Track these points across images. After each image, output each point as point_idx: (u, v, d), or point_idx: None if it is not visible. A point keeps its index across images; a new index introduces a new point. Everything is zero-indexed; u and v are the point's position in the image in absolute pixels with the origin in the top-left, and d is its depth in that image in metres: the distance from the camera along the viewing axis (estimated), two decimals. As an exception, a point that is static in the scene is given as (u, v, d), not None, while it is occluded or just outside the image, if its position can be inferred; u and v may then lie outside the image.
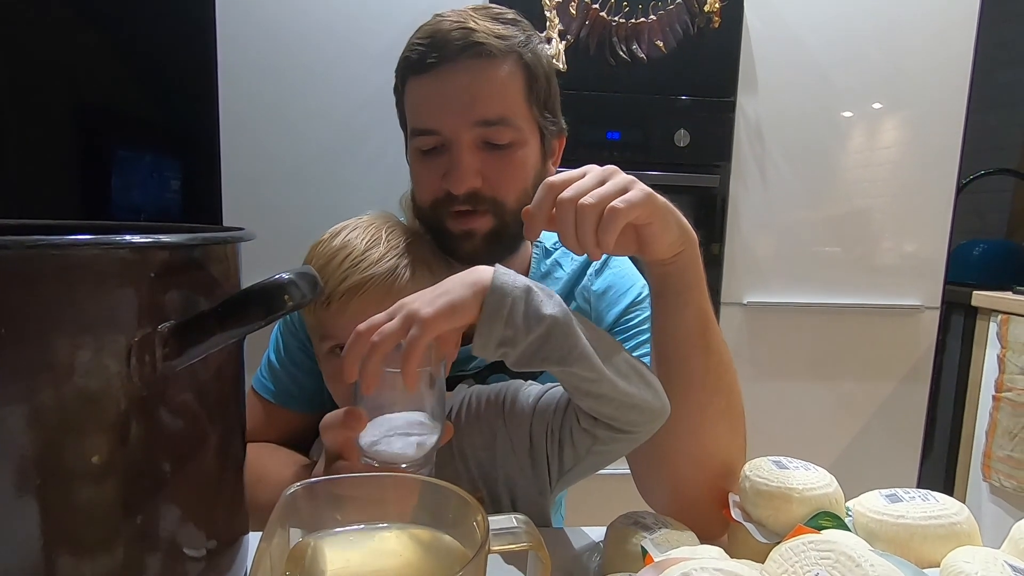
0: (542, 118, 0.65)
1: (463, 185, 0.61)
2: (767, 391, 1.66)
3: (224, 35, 1.43)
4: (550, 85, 0.66)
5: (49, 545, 0.30)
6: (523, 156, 0.63)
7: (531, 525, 0.34)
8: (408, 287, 0.58)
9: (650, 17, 1.49)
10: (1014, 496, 1.58)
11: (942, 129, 1.63)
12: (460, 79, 0.60)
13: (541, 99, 0.65)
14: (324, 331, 0.59)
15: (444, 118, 0.61)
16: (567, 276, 0.73)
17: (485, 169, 0.61)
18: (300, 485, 0.33)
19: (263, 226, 1.43)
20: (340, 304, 0.57)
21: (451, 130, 0.61)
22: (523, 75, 0.62)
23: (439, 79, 0.60)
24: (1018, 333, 1.56)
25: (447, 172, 0.61)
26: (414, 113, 0.64)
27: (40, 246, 0.28)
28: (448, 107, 0.60)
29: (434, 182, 0.62)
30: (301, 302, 0.34)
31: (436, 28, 0.60)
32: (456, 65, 0.60)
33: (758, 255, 1.63)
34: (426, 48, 0.60)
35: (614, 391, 0.47)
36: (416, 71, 0.62)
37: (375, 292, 0.56)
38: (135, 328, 0.31)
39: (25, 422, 0.29)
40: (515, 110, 0.62)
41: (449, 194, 0.62)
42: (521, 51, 0.62)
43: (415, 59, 0.61)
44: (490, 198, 0.62)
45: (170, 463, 0.34)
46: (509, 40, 0.61)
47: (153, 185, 2.02)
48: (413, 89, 0.63)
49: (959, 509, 0.45)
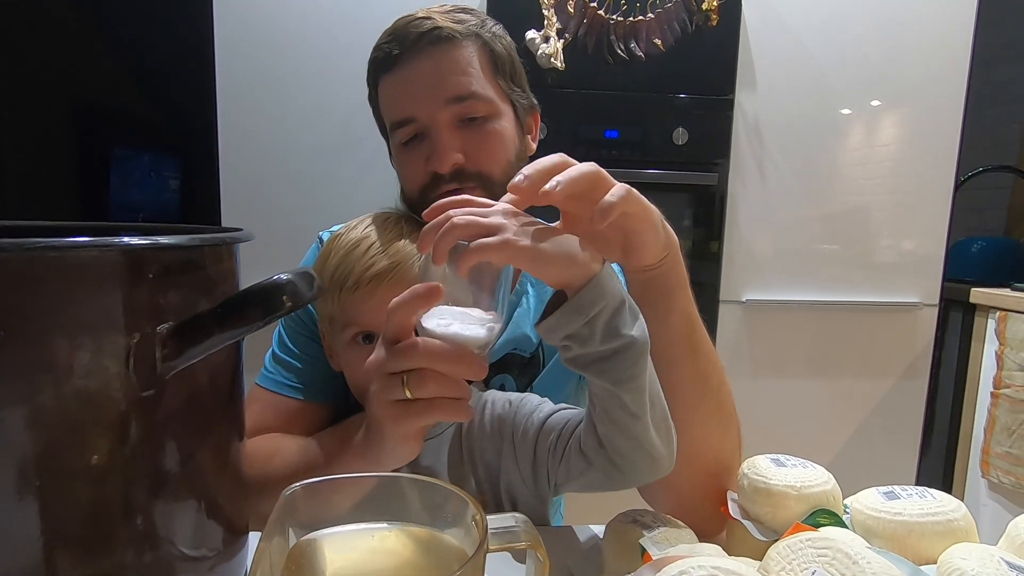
0: (511, 91, 0.67)
1: (447, 162, 0.62)
2: (766, 388, 1.66)
3: (222, 35, 1.43)
4: (513, 61, 0.68)
5: (49, 545, 0.30)
6: (500, 128, 0.65)
7: (529, 524, 0.34)
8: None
9: (648, 15, 1.49)
10: (1013, 492, 1.59)
11: (940, 126, 1.63)
12: (425, 64, 0.63)
13: (507, 73, 0.67)
14: (348, 318, 0.59)
15: (416, 104, 0.63)
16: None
17: (465, 145, 0.63)
18: (299, 485, 0.33)
19: (262, 225, 1.43)
20: (368, 290, 0.57)
21: (425, 114, 0.63)
22: (484, 52, 0.65)
23: (405, 69, 0.63)
24: (1016, 329, 1.57)
25: (429, 156, 0.63)
26: (388, 108, 0.66)
27: (39, 248, 0.28)
28: (418, 92, 0.63)
29: (418, 168, 0.64)
30: (299, 302, 0.34)
31: (395, 27, 0.64)
32: (420, 53, 0.62)
33: (757, 253, 1.63)
34: (389, 46, 0.63)
35: (643, 433, 0.46)
36: (384, 69, 0.65)
37: (402, 277, 0.57)
38: (134, 329, 0.31)
39: (25, 423, 0.29)
40: (483, 84, 0.64)
41: (435, 176, 0.63)
42: (479, 31, 0.65)
43: (381, 58, 0.64)
44: (475, 172, 0.64)
45: (169, 463, 0.34)
46: (466, 23, 0.64)
47: (152, 185, 2.02)
48: (384, 88, 0.66)
49: (956, 506, 0.45)
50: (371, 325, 0.58)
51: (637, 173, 1.53)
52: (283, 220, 1.44)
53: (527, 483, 0.58)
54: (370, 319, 0.58)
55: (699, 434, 0.55)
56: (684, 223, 1.60)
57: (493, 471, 0.59)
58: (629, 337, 0.43)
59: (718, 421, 0.56)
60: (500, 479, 0.59)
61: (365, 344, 0.59)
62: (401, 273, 0.57)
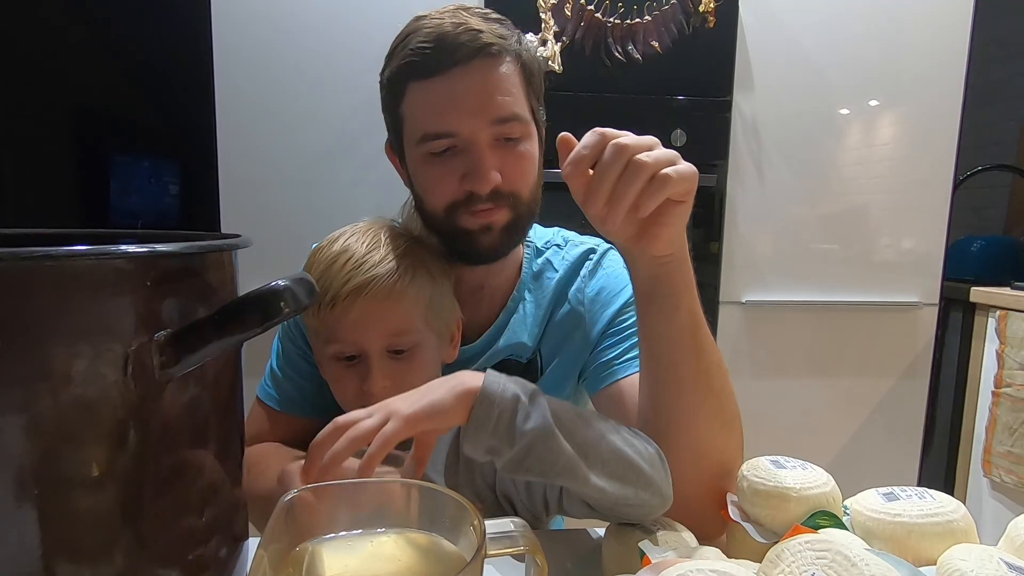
0: (537, 111, 0.67)
1: (489, 184, 0.61)
2: (767, 389, 1.66)
3: (220, 39, 1.43)
4: (542, 79, 0.68)
5: (48, 554, 0.30)
6: (531, 149, 0.65)
7: (528, 529, 0.34)
8: (409, 289, 0.60)
9: (645, 18, 1.49)
10: (1015, 492, 1.58)
11: (939, 125, 1.63)
12: (474, 80, 0.60)
13: (536, 93, 0.67)
14: (328, 334, 0.60)
15: (461, 120, 0.61)
16: (558, 276, 0.73)
17: (502, 165, 0.62)
18: (298, 491, 0.33)
19: (261, 229, 1.44)
20: (344, 306, 0.57)
21: (469, 131, 0.61)
22: (522, 71, 0.64)
23: (451, 82, 0.60)
24: (1016, 328, 1.56)
25: (467, 173, 0.62)
26: (424, 117, 0.62)
27: (36, 258, 0.28)
28: (464, 109, 0.61)
29: (450, 184, 0.62)
30: (297, 308, 0.34)
31: (439, 30, 0.60)
32: (469, 67, 0.60)
33: (756, 253, 1.63)
34: (433, 51, 0.60)
35: (603, 496, 0.46)
36: (423, 75, 0.61)
37: (378, 293, 0.58)
38: (132, 337, 0.31)
39: (23, 431, 0.29)
40: (522, 105, 0.64)
41: (470, 195, 0.62)
42: (518, 49, 0.63)
43: (420, 63, 0.60)
44: (509, 193, 0.63)
45: (168, 470, 0.34)
46: (508, 39, 0.62)
47: (151, 190, 2.03)
48: (418, 94, 0.62)
49: (956, 507, 0.45)
50: (349, 343, 0.59)
51: (636, 175, 1.53)
52: (283, 224, 1.44)
53: (520, 495, 0.58)
54: (348, 337, 0.59)
55: (701, 436, 0.55)
56: (683, 224, 1.60)
57: (490, 478, 0.59)
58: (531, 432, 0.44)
59: (720, 423, 0.56)
60: (496, 487, 0.59)
61: (347, 362, 0.60)
62: (377, 288, 0.58)
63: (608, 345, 0.69)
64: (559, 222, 0.80)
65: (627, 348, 0.68)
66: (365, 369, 0.59)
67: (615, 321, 0.70)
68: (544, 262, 0.74)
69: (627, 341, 0.69)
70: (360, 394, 0.59)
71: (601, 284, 0.72)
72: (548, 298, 0.73)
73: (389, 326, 0.59)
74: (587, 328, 0.71)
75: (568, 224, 0.80)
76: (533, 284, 0.73)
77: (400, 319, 0.59)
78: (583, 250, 0.75)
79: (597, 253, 0.74)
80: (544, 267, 0.74)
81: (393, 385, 0.59)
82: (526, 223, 0.67)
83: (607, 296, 0.71)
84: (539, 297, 0.73)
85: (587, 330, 0.71)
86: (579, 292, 0.72)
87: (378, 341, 0.59)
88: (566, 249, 0.75)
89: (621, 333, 0.69)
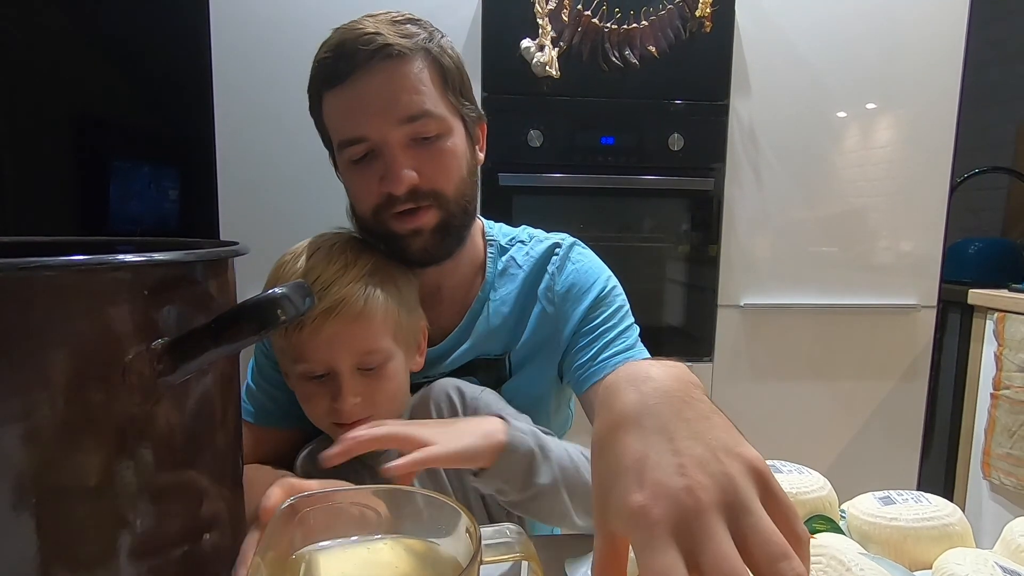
0: (461, 106, 0.66)
1: (402, 184, 0.61)
2: (765, 392, 1.66)
3: (219, 45, 1.44)
4: (461, 74, 0.67)
5: (46, 562, 0.30)
6: (452, 145, 0.64)
7: (524, 535, 0.34)
8: (378, 308, 0.60)
9: (642, 22, 1.50)
10: (1014, 494, 1.58)
11: (936, 128, 1.63)
12: (376, 82, 0.61)
13: (456, 88, 0.66)
14: (297, 354, 0.59)
15: (369, 123, 0.61)
16: (524, 273, 0.73)
17: (419, 164, 0.62)
18: (295, 498, 0.33)
19: (260, 235, 1.43)
20: (314, 327, 0.57)
21: (378, 133, 0.61)
22: (434, 68, 0.63)
23: (355, 87, 0.61)
24: (1015, 330, 1.57)
25: (383, 175, 0.62)
26: (337, 125, 0.64)
27: (33, 267, 0.29)
28: (370, 112, 0.61)
29: (371, 189, 0.63)
30: (295, 316, 0.34)
31: (341, 40, 0.61)
32: (370, 70, 0.60)
33: (754, 257, 1.63)
34: (335, 60, 0.61)
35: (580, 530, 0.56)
36: (330, 84, 0.63)
37: (347, 314, 0.58)
38: (129, 345, 0.32)
39: (21, 441, 0.29)
40: (434, 102, 0.63)
41: (389, 197, 0.62)
42: (427, 46, 0.63)
43: (327, 71, 0.62)
44: (430, 191, 0.63)
45: (166, 478, 0.34)
46: (414, 38, 0.62)
47: (150, 196, 2.03)
48: (330, 102, 0.64)
49: (952, 511, 0.45)
50: (319, 363, 0.59)
51: (633, 179, 1.54)
52: (281, 230, 1.44)
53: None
54: (318, 357, 0.58)
55: None
56: (682, 228, 1.60)
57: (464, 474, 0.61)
58: (540, 487, 0.54)
59: None
60: (468, 483, 0.60)
61: (315, 378, 0.60)
62: (346, 309, 0.57)
63: (584, 344, 0.69)
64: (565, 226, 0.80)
65: (604, 344, 0.68)
66: (335, 387, 0.59)
67: (588, 317, 0.70)
68: (508, 259, 0.74)
69: (603, 337, 0.68)
70: (331, 411, 0.60)
71: (571, 280, 0.71)
72: (514, 296, 0.72)
73: (359, 345, 0.59)
74: (559, 326, 0.71)
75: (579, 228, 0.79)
76: (498, 282, 0.73)
77: (370, 338, 0.59)
78: (548, 245, 0.74)
79: (563, 247, 0.73)
80: (508, 264, 0.74)
81: (363, 401, 0.59)
82: (460, 222, 0.66)
83: (577, 293, 0.71)
84: (505, 295, 0.72)
85: (560, 328, 0.70)
86: (548, 291, 0.72)
87: (348, 360, 0.59)
88: (530, 245, 0.74)
89: (596, 329, 0.69)
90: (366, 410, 0.59)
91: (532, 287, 0.72)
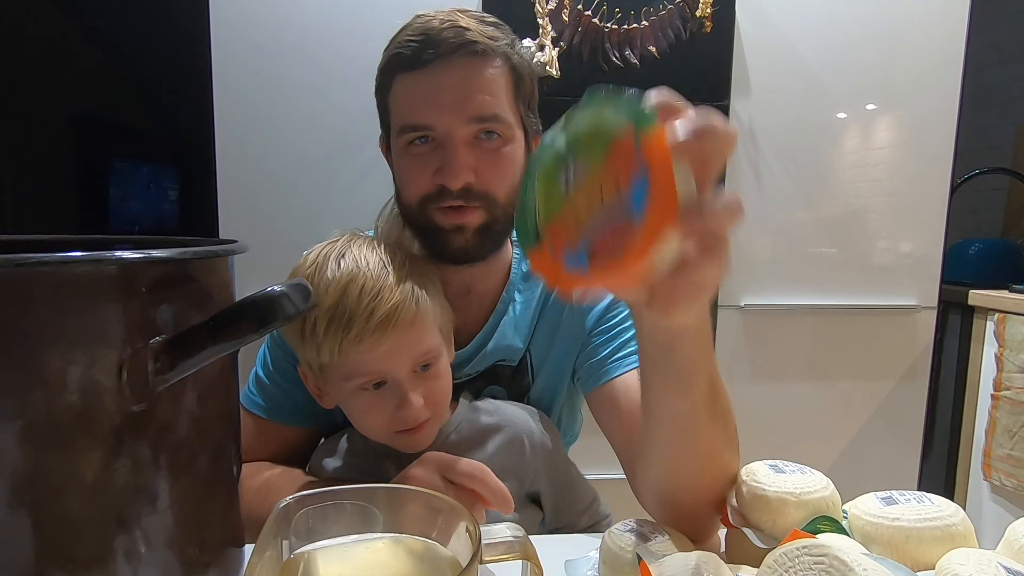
0: (526, 117, 0.67)
1: (459, 180, 0.61)
2: (766, 393, 1.66)
3: (218, 45, 1.44)
4: (533, 86, 0.67)
5: (42, 561, 0.30)
6: (512, 152, 0.64)
7: (524, 535, 0.34)
8: (428, 307, 0.59)
9: (642, 23, 1.49)
10: (1015, 495, 1.58)
11: (936, 129, 1.63)
12: (454, 76, 0.60)
13: (526, 99, 0.66)
14: (352, 369, 0.57)
15: (438, 114, 0.61)
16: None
17: (478, 164, 0.62)
18: (292, 498, 0.33)
19: (259, 235, 1.44)
20: (374, 340, 0.55)
21: (445, 126, 0.61)
22: (511, 75, 0.64)
23: (432, 75, 0.61)
24: (1015, 331, 1.56)
25: (441, 167, 0.62)
26: (405, 109, 0.63)
27: (30, 264, 0.28)
28: (442, 103, 0.61)
29: (424, 178, 0.63)
30: (293, 315, 0.34)
31: (427, 26, 0.61)
32: (451, 62, 0.60)
33: (754, 257, 1.63)
34: (418, 45, 0.60)
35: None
36: (407, 67, 0.62)
37: (404, 320, 0.56)
38: (127, 343, 0.31)
39: (17, 439, 0.29)
40: (504, 107, 0.63)
41: (442, 189, 0.62)
42: (509, 52, 0.63)
43: (407, 55, 0.61)
44: (482, 193, 0.63)
45: (163, 477, 0.34)
46: (498, 41, 0.62)
47: (150, 196, 2.03)
48: (403, 84, 0.63)
49: (954, 511, 0.45)
50: (382, 373, 0.57)
51: (634, 179, 1.53)
52: (281, 229, 1.44)
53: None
54: (377, 367, 0.57)
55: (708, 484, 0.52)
56: (681, 228, 1.60)
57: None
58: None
59: (727, 458, 0.53)
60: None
61: (374, 390, 0.58)
62: (403, 317, 0.56)
63: (599, 343, 0.69)
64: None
65: (619, 345, 0.68)
66: (398, 394, 0.58)
67: (604, 318, 0.70)
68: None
69: (618, 338, 0.68)
70: (394, 419, 0.59)
71: None
72: (536, 297, 0.72)
73: (416, 349, 0.58)
74: (577, 326, 0.71)
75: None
76: (523, 285, 0.73)
77: (425, 340, 0.59)
78: None
79: None
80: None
81: (426, 401, 0.59)
82: (503, 227, 0.66)
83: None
84: (528, 298, 0.72)
85: (577, 328, 0.71)
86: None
87: (407, 366, 0.58)
88: None
89: (611, 330, 0.69)
90: (428, 412, 0.59)
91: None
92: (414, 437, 0.60)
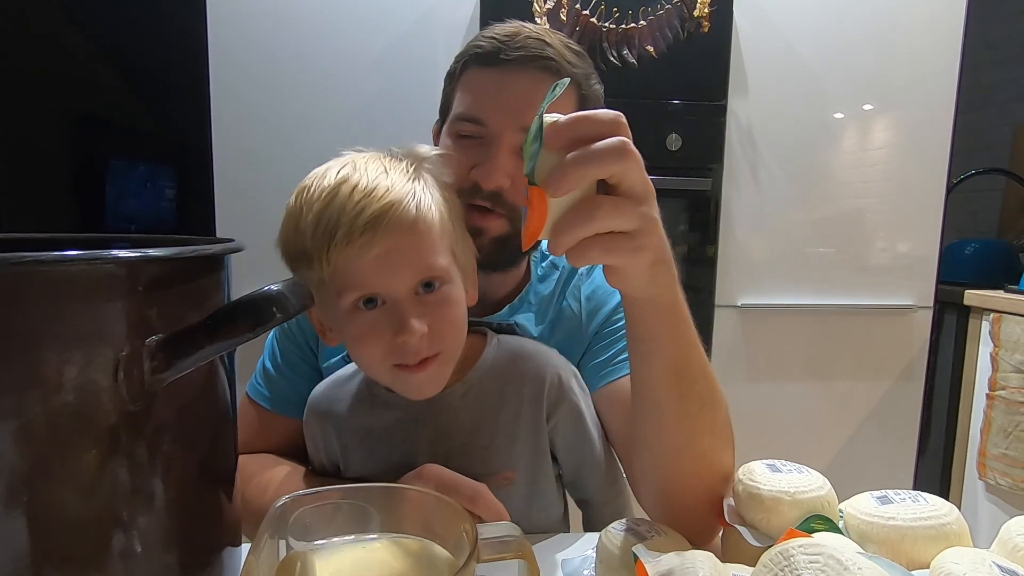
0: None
1: (492, 181, 0.61)
2: (762, 393, 1.66)
3: (216, 44, 1.44)
4: None
5: (37, 561, 0.30)
6: None
7: (521, 534, 0.34)
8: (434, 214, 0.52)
9: (640, 23, 1.50)
10: (1010, 494, 1.59)
11: (932, 129, 1.64)
12: (522, 83, 0.61)
13: None
14: (344, 281, 0.50)
15: (495, 113, 0.61)
16: (559, 273, 0.74)
17: (517, 174, 0.62)
18: (289, 497, 0.33)
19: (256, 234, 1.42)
20: (364, 241, 0.48)
21: (498, 127, 0.61)
22: (576, 103, 0.64)
23: (502, 76, 0.61)
24: (1010, 331, 1.57)
25: (480, 164, 0.62)
26: (467, 100, 0.64)
27: (26, 263, 0.28)
28: (501, 104, 0.61)
29: (462, 169, 0.62)
30: (289, 314, 0.34)
31: (515, 30, 0.62)
32: (523, 69, 0.61)
33: (751, 257, 1.64)
34: (500, 44, 0.61)
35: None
36: (483, 62, 0.63)
37: (400, 221, 0.49)
38: (123, 342, 0.31)
39: (13, 438, 0.29)
40: None
41: (474, 186, 0.62)
42: (582, 82, 0.64)
43: (487, 49, 0.62)
44: (511, 203, 0.63)
45: (160, 476, 0.34)
46: (576, 67, 0.63)
47: (147, 194, 2.02)
48: (473, 76, 0.64)
49: (949, 510, 0.45)
50: (373, 286, 0.50)
51: (631, 179, 1.53)
52: (277, 228, 1.44)
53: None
54: (371, 279, 0.50)
55: (690, 467, 0.53)
56: (679, 228, 1.60)
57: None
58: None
59: (712, 446, 0.54)
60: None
61: (368, 309, 0.51)
62: (398, 216, 0.49)
63: (602, 345, 0.69)
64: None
65: (622, 348, 0.68)
66: (396, 317, 0.50)
67: (610, 320, 0.70)
68: (549, 265, 0.75)
69: (621, 341, 0.68)
70: (392, 349, 0.51)
71: (599, 283, 0.72)
72: (549, 292, 0.73)
73: (416, 261, 0.51)
74: (582, 327, 0.71)
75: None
76: (540, 286, 0.74)
77: (428, 252, 0.51)
78: None
79: None
80: (549, 271, 0.75)
81: (429, 332, 0.51)
82: (519, 245, 0.66)
83: (601, 295, 0.71)
84: (542, 296, 0.73)
85: (582, 329, 0.71)
86: (576, 290, 0.72)
87: (407, 280, 0.51)
88: None
89: (615, 333, 0.69)
90: (433, 345, 0.52)
91: (565, 285, 0.73)
92: (417, 377, 0.53)
